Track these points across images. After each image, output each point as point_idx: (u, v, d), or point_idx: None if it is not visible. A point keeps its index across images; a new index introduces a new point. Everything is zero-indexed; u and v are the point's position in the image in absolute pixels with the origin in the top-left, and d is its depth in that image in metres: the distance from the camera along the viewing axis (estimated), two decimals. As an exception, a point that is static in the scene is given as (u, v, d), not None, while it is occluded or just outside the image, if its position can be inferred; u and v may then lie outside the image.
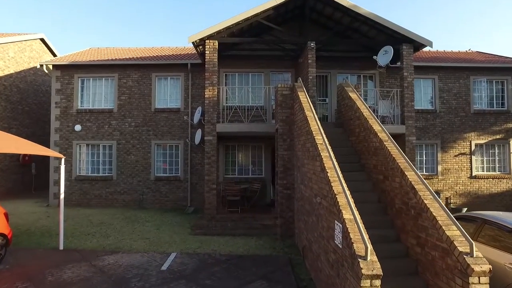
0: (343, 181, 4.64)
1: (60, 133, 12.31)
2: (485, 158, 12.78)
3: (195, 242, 8.04)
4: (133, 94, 12.39)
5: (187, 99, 12.37)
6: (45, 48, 16.45)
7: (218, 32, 9.80)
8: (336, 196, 4.41)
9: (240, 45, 11.72)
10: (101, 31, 53.31)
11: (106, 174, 12.31)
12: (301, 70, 11.21)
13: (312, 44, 9.94)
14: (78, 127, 12.22)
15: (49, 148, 12.10)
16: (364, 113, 6.85)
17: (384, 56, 9.96)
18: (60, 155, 6.78)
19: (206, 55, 9.78)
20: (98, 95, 12.55)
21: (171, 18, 56.26)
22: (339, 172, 4.82)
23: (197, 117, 11.84)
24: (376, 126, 6.30)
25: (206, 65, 9.76)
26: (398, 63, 10.60)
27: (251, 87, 11.41)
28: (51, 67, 12.29)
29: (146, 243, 7.83)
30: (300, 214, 7.41)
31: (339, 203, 4.26)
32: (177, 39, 50.14)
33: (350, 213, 4.05)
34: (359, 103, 7.29)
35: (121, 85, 12.39)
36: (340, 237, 4.13)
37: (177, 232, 8.97)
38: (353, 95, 7.74)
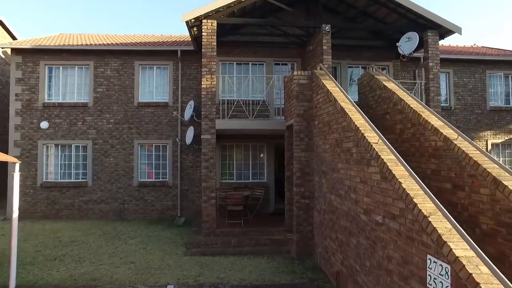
0: (431, 194, 3.22)
1: (22, 131, 10.27)
2: (501, 158, 11.87)
3: (194, 267, 6.42)
4: (112, 86, 10.55)
5: (177, 92, 10.68)
6: (5, 33, 14.20)
7: (217, 11, 8.22)
8: (429, 218, 2.98)
9: (240, 29, 10.18)
10: (72, 22, 49.97)
11: (80, 180, 10.39)
12: (310, 59, 9.80)
13: (327, 27, 8.55)
14: (44, 124, 10.24)
15: (8, 149, 10.06)
16: (411, 105, 5.50)
17: (407, 44, 8.72)
18: (14, 159, 4.99)
19: (203, 37, 8.16)
20: (70, 86, 10.61)
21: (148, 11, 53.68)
22: (420, 182, 3.40)
23: (188, 112, 10.17)
24: (435, 121, 4.95)
25: (203, 50, 8.14)
26: (413, 54, 9.39)
27: (255, 76, 9.83)
28: (9, 51, 10.23)
29: (131, 270, 6.13)
30: (328, 230, 5.96)
31: (439, 231, 2.84)
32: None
33: (468, 248, 2.63)
34: (401, 93, 5.95)
35: (97, 75, 10.52)
36: (446, 285, 2.70)
37: (169, 252, 7.30)
38: (389, 85, 6.39)
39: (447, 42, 14.08)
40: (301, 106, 7.09)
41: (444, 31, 8.84)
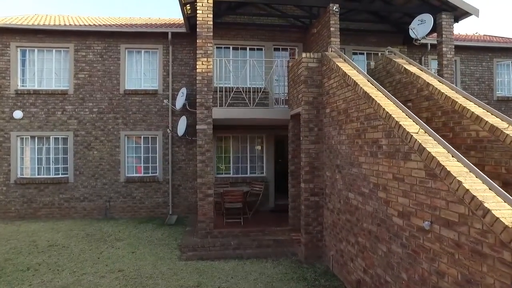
0: (508, 195, 2.53)
1: (-8, 121, 9.19)
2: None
3: (191, 274, 5.64)
4: (96, 71, 9.53)
5: (167, 78, 9.74)
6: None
7: (214, -14, 7.32)
8: None
9: (238, 9, 9.28)
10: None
11: (60, 176, 9.41)
12: (314, 43, 9.01)
13: (335, 7, 7.75)
14: (18, 114, 9.17)
15: (-23, 141, 8.98)
16: (442, 90, 4.80)
17: (420, 27, 8.01)
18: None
19: (198, 15, 7.24)
20: (47, 71, 9.53)
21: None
22: (489, 181, 2.70)
23: (180, 101, 9.28)
24: (475, 108, 4.27)
25: (198, 29, 7.23)
26: (426, 38, 8.72)
27: (257, 60, 8.94)
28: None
29: (119, 281, 5.31)
30: (344, 232, 5.27)
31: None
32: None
33: None
34: (428, 77, 5.25)
35: (78, 59, 9.46)
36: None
37: (162, 256, 6.50)
38: (412, 68, 5.68)
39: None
40: (310, 93, 6.32)
41: (460, 13, 8.18)
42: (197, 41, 7.23)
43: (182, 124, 9.35)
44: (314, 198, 6.31)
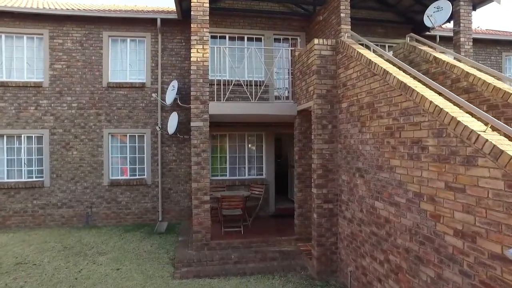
0: None
1: (-46, 117, 8.04)
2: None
3: (187, 298, 4.78)
4: (75, 62, 8.47)
5: (156, 70, 8.77)
6: None
7: (210, -36, 6.42)
8: None
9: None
10: None
11: (34, 179, 8.34)
12: (319, 32, 8.20)
13: (345, -11, 6.97)
14: (-16, 109, 8.05)
15: None
16: (488, 81, 4.06)
17: (437, 14, 7.31)
18: None
19: (192, -4, 6.33)
20: (18, 61, 8.41)
21: (121, -8, 49.60)
22: None
23: (171, 95, 8.34)
24: (536, 100, 3.53)
25: (192, 12, 6.32)
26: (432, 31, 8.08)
27: (258, 48, 8.00)
28: None
29: (100, 310, 4.40)
30: (367, 247, 4.49)
31: None
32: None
33: None
34: (465, 66, 4.51)
35: (54, 48, 8.38)
36: None
37: (152, 274, 5.60)
38: (443, 56, 4.94)
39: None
40: (323, 85, 5.51)
41: (479, 0, 7.52)
42: (191, 26, 6.31)
43: (173, 121, 8.41)
44: (328, 205, 5.52)
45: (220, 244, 6.41)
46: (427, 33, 8.94)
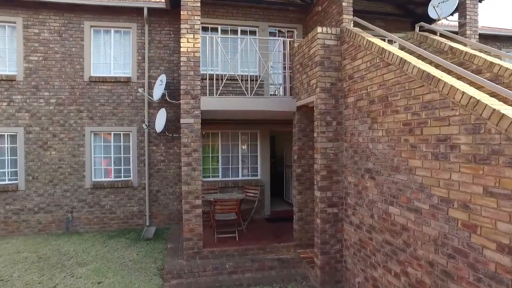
0: None
1: None
2: None
3: (177, 317, 4.22)
4: (53, 54, 7.77)
5: (143, 64, 8.15)
6: None
7: None
8: None
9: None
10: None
11: (6, 182, 7.61)
12: (318, 23, 7.71)
13: (348, -24, 6.50)
14: (-50, 105, 7.29)
15: None
16: (516, 70, 3.63)
17: (443, 5, 6.90)
18: None
19: (181, -20, 5.75)
20: (-11, 52, 7.68)
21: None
22: None
23: (159, 90, 7.73)
24: None
25: (182, -2, 5.74)
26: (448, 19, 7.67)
27: (253, 38, 7.37)
28: None
29: (76, 335, 3.81)
30: (380, 256, 4.03)
31: None
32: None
33: None
34: (487, 56, 4.09)
35: (29, 38, 7.66)
36: None
37: (138, 287, 5.02)
38: (460, 46, 4.51)
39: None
40: (328, 77, 5.02)
41: (485, -9, 7.16)
42: (181, 13, 5.74)
43: (161, 118, 7.81)
44: (332, 209, 5.04)
45: (213, 252, 5.87)
46: (438, 22, 8.55)
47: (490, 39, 10.41)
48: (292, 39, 6.34)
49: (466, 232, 2.78)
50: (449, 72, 3.39)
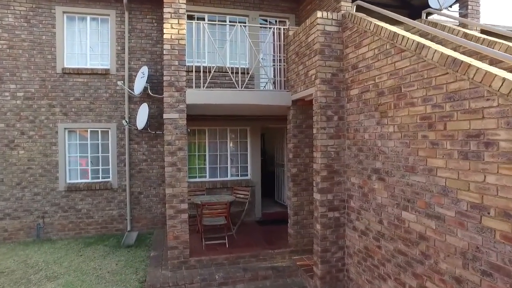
0: None
1: None
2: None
3: None
4: (19, 42, 6.99)
5: (122, 54, 7.46)
6: None
7: None
8: None
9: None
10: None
11: (-32, 185, 6.82)
12: (312, 12, 7.22)
13: (346, -40, 6.02)
14: None
15: None
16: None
17: (445, -7, 6.54)
18: None
19: (164, -42, 5.13)
20: None
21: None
22: None
23: (140, 83, 7.08)
24: None
25: (164, -22, 5.12)
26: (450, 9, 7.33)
27: (243, 25, 6.73)
28: None
29: None
30: (390, 267, 3.57)
31: None
32: None
33: None
34: (508, 43, 3.68)
35: (-6, 24, 6.87)
36: None
37: (115, 305, 4.42)
38: (476, 33, 4.13)
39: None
40: (328, 67, 4.53)
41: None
42: (164, -4, 5.12)
43: (142, 114, 7.17)
44: (334, 214, 4.56)
45: (201, 262, 5.31)
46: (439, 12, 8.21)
47: (488, 35, 10.18)
48: (287, 27, 5.80)
49: (508, 246, 2.33)
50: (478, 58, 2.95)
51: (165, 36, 5.14)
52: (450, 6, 6.62)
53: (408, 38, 3.30)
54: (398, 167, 3.50)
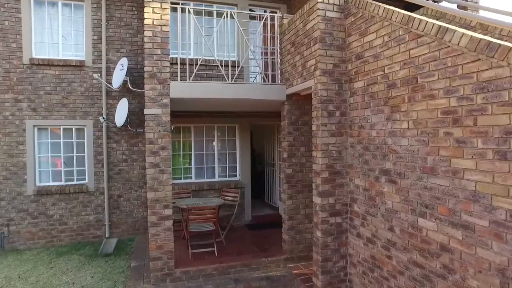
0: None
1: None
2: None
3: None
4: (-19, 29, 6.23)
5: (99, 44, 6.79)
6: None
7: None
8: None
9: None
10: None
11: None
12: (304, 2, 6.76)
13: None
14: None
15: None
16: None
17: (443, -15, 6.24)
18: None
19: None
20: None
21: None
22: None
23: (119, 76, 6.45)
24: None
25: (145, -45, 4.54)
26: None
27: (237, 12, 6.13)
28: None
29: None
30: (402, 280, 3.17)
31: None
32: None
33: None
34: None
35: (-51, 8, 6.07)
36: None
37: (89, 328, 3.84)
38: (486, 21, 3.74)
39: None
40: (329, 58, 4.08)
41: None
42: (144, -25, 4.54)
43: (121, 110, 6.54)
44: (335, 219, 4.14)
45: (187, 273, 4.79)
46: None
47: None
48: (282, 15, 5.33)
49: (562, 264, 1.95)
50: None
51: (146, 21, 4.57)
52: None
53: (427, 21, 2.89)
54: (413, 168, 3.09)
